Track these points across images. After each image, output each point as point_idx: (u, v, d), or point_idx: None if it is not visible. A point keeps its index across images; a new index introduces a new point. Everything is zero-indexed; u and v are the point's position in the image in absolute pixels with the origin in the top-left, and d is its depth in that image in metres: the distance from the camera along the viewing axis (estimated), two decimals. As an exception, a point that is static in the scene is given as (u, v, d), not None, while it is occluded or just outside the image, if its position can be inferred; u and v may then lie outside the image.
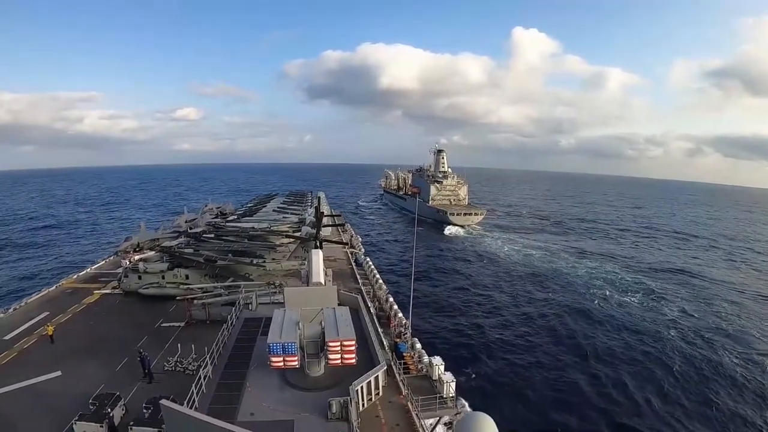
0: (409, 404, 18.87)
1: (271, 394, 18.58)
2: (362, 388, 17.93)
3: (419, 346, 26.13)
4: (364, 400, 18.19)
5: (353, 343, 18.51)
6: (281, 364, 18.10)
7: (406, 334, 28.76)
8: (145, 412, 17.50)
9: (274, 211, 68.32)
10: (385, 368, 19.60)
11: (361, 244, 56.60)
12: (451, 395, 21.49)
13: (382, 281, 39.86)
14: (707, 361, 39.58)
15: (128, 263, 36.67)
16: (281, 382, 19.45)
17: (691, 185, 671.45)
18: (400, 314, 31.32)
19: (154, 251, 39.61)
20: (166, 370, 22.92)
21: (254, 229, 48.13)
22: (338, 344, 18.34)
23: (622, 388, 34.69)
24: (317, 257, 26.81)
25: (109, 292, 36.14)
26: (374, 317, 27.37)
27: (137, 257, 38.38)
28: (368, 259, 48.01)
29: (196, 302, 30.22)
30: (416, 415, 18.24)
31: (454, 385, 21.82)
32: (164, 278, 35.00)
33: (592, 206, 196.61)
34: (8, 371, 22.25)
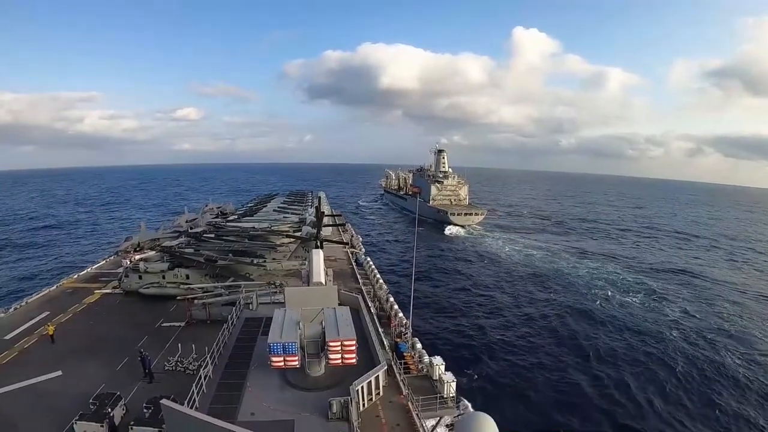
0: (409, 404, 18.83)
1: (271, 393, 18.55)
2: (363, 388, 17.90)
3: (420, 346, 26.01)
4: (364, 400, 18.16)
5: (354, 343, 18.47)
6: (282, 363, 18.07)
7: (406, 334, 28.67)
8: (145, 411, 17.48)
9: (274, 210, 68.41)
10: (385, 368, 19.56)
11: (361, 244, 56.48)
12: (451, 395, 21.38)
13: (382, 281, 39.73)
14: (710, 361, 39.43)
15: (129, 263, 36.69)
16: (282, 381, 19.43)
17: (691, 185, 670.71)
18: (400, 314, 31.18)
19: (154, 251, 39.65)
20: (166, 369, 22.90)
21: (255, 229, 48.10)
22: (339, 344, 18.31)
23: (624, 389, 34.53)
24: (318, 257, 26.76)
25: (109, 291, 36.11)
26: (375, 317, 27.35)
27: (138, 257, 38.43)
28: (369, 259, 47.92)
29: (196, 302, 30.20)
30: (417, 415, 18.20)
31: (454, 385, 21.70)
32: (165, 278, 34.98)
33: (592, 206, 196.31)
34: (8, 371, 22.22)
